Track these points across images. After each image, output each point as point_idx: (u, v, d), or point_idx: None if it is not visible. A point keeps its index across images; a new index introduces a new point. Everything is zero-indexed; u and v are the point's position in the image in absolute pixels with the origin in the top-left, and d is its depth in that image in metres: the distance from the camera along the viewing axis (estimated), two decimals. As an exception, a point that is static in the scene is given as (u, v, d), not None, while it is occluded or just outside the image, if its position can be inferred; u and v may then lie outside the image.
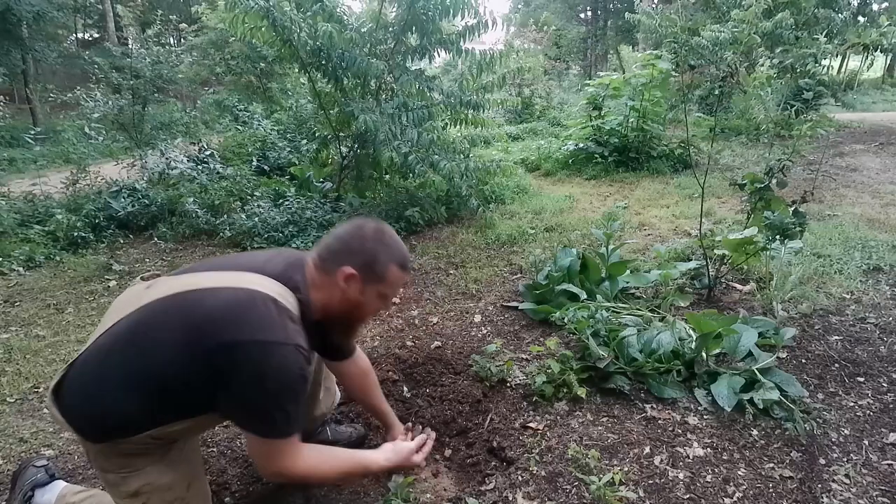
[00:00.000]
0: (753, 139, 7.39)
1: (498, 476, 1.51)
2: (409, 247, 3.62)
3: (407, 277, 1.18)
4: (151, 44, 6.15)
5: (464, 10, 3.90)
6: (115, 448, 1.06)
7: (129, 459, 1.08)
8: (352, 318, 1.23)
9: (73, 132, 6.25)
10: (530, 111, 10.84)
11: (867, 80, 19.04)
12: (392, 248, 1.18)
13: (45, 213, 4.15)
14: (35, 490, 1.32)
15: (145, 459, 1.09)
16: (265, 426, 1.03)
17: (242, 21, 3.77)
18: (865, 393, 1.85)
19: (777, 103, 7.20)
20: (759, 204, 2.48)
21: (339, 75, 3.93)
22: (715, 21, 8.54)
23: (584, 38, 27.48)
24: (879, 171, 5.54)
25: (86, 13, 19.65)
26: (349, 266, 1.13)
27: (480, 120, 4.58)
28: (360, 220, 1.20)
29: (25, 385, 2.09)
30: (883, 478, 1.47)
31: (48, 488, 1.33)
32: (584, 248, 3.14)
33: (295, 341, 1.02)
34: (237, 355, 0.99)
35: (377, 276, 1.15)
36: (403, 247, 1.20)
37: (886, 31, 11.27)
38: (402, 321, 2.53)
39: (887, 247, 3.13)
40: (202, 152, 5.80)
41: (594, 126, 6.38)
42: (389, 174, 4.66)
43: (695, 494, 1.42)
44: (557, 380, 1.84)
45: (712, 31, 6.85)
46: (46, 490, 1.32)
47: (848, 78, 16.79)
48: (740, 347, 1.89)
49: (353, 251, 1.15)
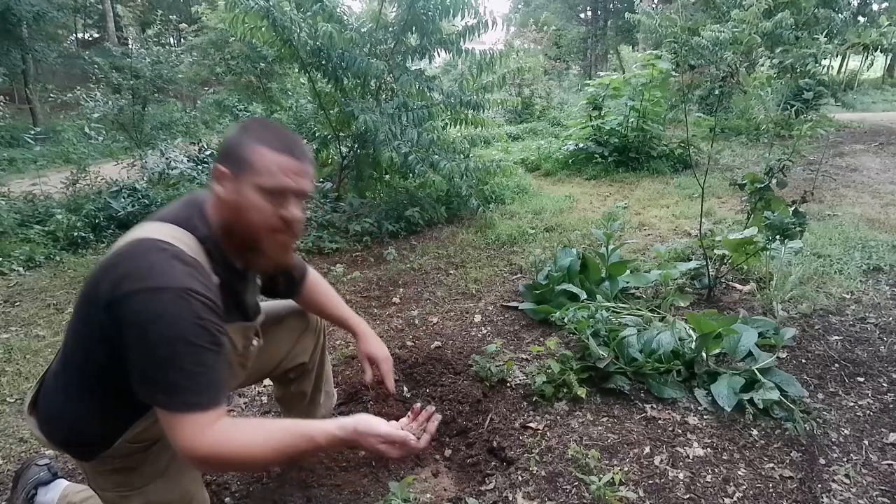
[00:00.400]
0: (753, 139, 7.39)
1: (498, 476, 1.51)
2: (408, 247, 3.67)
3: (289, 161, 0.94)
4: (151, 44, 6.16)
5: (464, 10, 3.91)
6: (106, 464, 1.01)
7: (124, 476, 1.02)
8: (243, 231, 0.96)
9: (73, 132, 6.25)
10: (530, 111, 10.84)
11: (867, 80, 19.04)
12: (259, 131, 0.97)
13: (45, 213, 4.15)
14: (38, 488, 1.32)
15: (142, 476, 1.03)
16: (165, 394, 0.83)
17: (242, 21, 3.77)
18: (865, 393, 1.85)
19: (777, 103, 7.21)
20: (759, 204, 2.48)
21: (339, 75, 3.94)
22: (715, 21, 8.55)
23: (584, 38, 27.49)
24: (879, 171, 5.54)
25: (86, 13, 19.66)
26: (218, 164, 0.96)
27: (480, 120, 4.59)
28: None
29: (25, 385, 2.09)
30: (883, 478, 1.47)
31: (51, 487, 1.32)
32: (584, 248, 3.14)
33: (182, 284, 0.84)
34: (118, 314, 0.84)
35: (243, 164, 0.93)
36: (281, 130, 0.99)
37: (886, 31, 11.28)
38: (402, 321, 2.53)
39: (887, 247, 3.13)
40: (202, 152, 5.80)
41: (594, 126, 6.38)
42: (389, 174, 4.66)
43: (695, 494, 1.42)
44: (557, 380, 1.84)
45: (712, 31, 6.86)
46: (49, 489, 1.32)
47: (848, 78, 16.79)
48: (740, 347, 1.89)
49: (222, 148, 0.98)
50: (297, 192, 0.96)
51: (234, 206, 0.95)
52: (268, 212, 0.94)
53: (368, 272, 3.20)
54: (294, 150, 0.96)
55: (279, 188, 0.93)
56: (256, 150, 0.93)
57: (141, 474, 1.02)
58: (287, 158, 0.94)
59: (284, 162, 0.94)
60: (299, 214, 0.97)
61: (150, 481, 1.03)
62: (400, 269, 3.20)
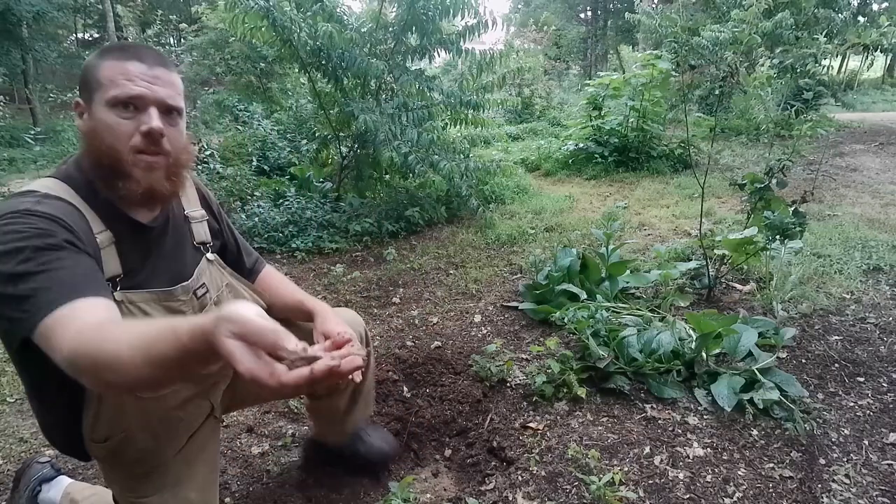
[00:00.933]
0: (753, 139, 7.39)
1: (498, 476, 1.51)
2: (408, 247, 3.67)
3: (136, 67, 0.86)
4: (151, 44, 6.15)
5: (464, 10, 3.91)
6: (113, 468, 0.99)
7: (133, 482, 0.99)
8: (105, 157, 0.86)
9: (73, 132, 6.26)
10: (530, 111, 10.85)
11: (867, 80, 19.04)
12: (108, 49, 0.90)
13: (45, 213, 4.15)
14: (42, 485, 1.32)
15: (150, 485, 0.99)
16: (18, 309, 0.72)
17: (242, 21, 3.77)
18: (865, 393, 1.85)
19: (777, 103, 7.21)
20: (759, 204, 2.48)
21: (339, 75, 3.94)
22: (715, 21, 8.55)
23: (584, 38, 27.48)
24: (879, 171, 5.54)
25: (86, 13, 19.66)
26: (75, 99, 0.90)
27: (480, 120, 4.59)
28: None
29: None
30: (883, 478, 1.47)
31: (53, 483, 1.33)
32: (584, 248, 3.14)
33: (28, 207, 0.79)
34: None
35: (92, 84, 0.86)
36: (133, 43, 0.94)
37: (886, 31, 11.29)
38: (402, 321, 2.53)
39: (887, 247, 3.13)
40: (202, 152, 5.79)
41: (594, 126, 6.38)
42: (389, 174, 4.66)
43: (695, 494, 1.42)
44: (557, 380, 1.84)
45: (712, 31, 6.86)
46: (52, 485, 1.32)
47: (848, 78, 16.79)
48: (740, 347, 1.89)
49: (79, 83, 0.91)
50: (153, 100, 0.86)
51: (91, 133, 0.87)
52: (124, 127, 0.85)
53: (368, 272, 3.20)
54: (142, 56, 0.87)
55: (128, 97, 0.84)
56: (102, 66, 0.86)
57: (149, 484, 1.00)
58: (134, 64, 0.86)
59: (132, 68, 0.85)
60: (159, 125, 0.86)
61: (156, 492, 1.00)
62: (400, 269, 3.20)
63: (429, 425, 1.72)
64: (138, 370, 0.63)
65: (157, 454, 0.99)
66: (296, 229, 3.81)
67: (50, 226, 0.78)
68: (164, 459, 1.00)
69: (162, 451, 0.99)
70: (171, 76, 0.90)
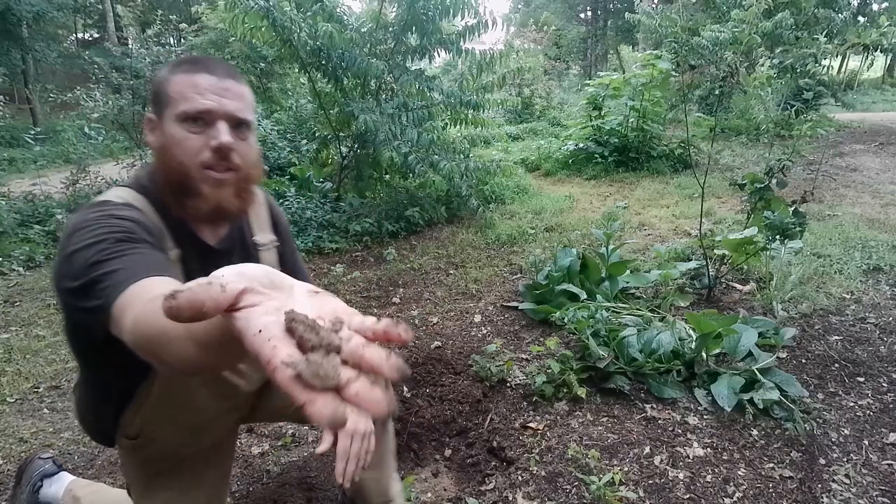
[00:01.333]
0: (753, 139, 7.39)
1: (498, 476, 1.51)
2: (408, 247, 3.67)
3: (205, 80, 0.84)
4: (151, 44, 6.15)
5: (464, 10, 3.91)
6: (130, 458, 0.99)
7: (147, 478, 0.99)
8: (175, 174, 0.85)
9: (72, 132, 6.24)
10: (530, 111, 10.85)
11: (867, 80, 19.04)
12: (177, 63, 0.88)
13: (45, 213, 4.15)
14: (43, 480, 1.32)
15: (160, 485, 0.98)
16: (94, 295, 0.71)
17: (242, 21, 3.77)
18: (865, 393, 1.85)
19: (777, 103, 7.21)
20: (759, 204, 2.48)
21: (339, 75, 3.94)
22: (715, 21, 8.56)
23: (584, 38, 27.48)
24: (879, 171, 5.54)
25: (86, 13, 19.66)
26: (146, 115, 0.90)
27: (480, 120, 4.59)
28: None
29: (25, 385, 2.09)
30: (883, 478, 1.46)
31: (55, 479, 1.33)
32: (584, 248, 3.14)
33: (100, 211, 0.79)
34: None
35: (162, 99, 0.85)
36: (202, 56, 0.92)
37: (886, 31, 11.28)
38: (402, 321, 2.52)
39: (887, 247, 3.13)
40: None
41: (594, 126, 6.38)
42: (389, 174, 4.66)
43: (695, 494, 1.42)
44: (557, 380, 1.84)
45: (712, 31, 6.87)
46: (54, 481, 1.33)
47: (848, 78, 16.79)
48: (740, 347, 1.89)
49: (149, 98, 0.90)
50: (222, 113, 0.84)
51: (161, 150, 0.85)
52: (193, 142, 0.83)
53: (368, 272, 3.20)
54: (212, 69, 0.85)
55: (197, 111, 0.82)
56: (172, 80, 0.84)
57: (162, 481, 1.00)
58: (204, 77, 0.84)
59: (201, 81, 0.83)
60: (228, 139, 0.83)
61: (166, 490, 1.00)
62: (400, 269, 3.20)
63: (429, 425, 1.72)
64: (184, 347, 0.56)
65: (177, 457, 0.99)
66: (296, 229, 3.81)
67: (131, 227, 0.78)
68: (181, 462, 1.00)
69: (182, 455, 1.00)
70: (241, 88, 0.88)
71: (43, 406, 1.97)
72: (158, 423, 0.94)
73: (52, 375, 2.16)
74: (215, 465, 1.07)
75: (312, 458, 1.62)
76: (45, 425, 1.84)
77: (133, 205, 0.84)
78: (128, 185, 0.90)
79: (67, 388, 2.09)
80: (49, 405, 1.97)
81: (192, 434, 0.99)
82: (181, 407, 0.92)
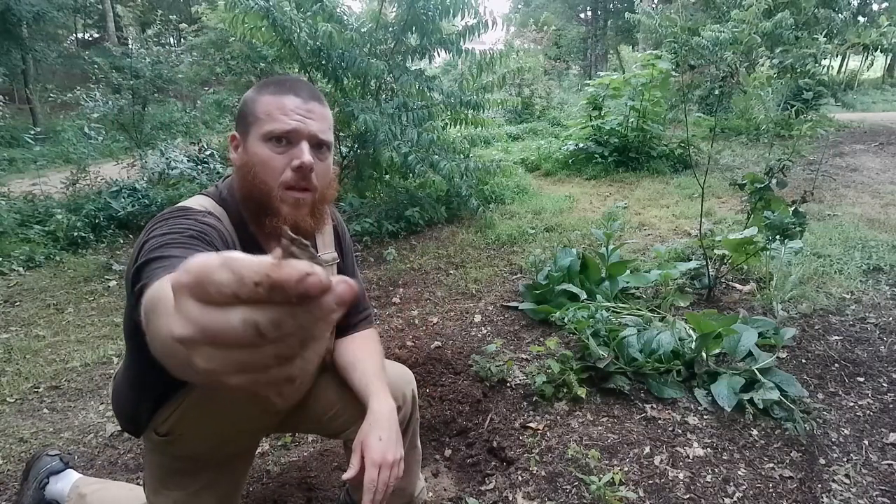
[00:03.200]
0: (753, 139, 7.39)
1: (498, 476, 1.51)
2: (408, 247, 3.67)
3: (292, 101, 0.87)
4: (151, 44, 6.16)
5: (464, 10, 3.91)
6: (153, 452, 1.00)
7: (165, 474, 0.99)
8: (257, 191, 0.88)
9: (72, 132, 6.25)
10: (530, 111, 10.85)
11: (867, 80, 19.05)
12: (263, 83, 0.91)
13: (45, 213, 4.15)
14: (50, 477, 1.33)
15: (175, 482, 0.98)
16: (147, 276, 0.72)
17: (242, 21, 3.77)
18: (865, 393, 1.85)
19: (777, 103, 7.21)
20: (759, 204, 2.48)
21: (339, 75, 3.93)
22: (715, 21, 8.56)
23: (584, 38, 27.49)
24: (879, 171, 5.54)
25: (86, 13, 19.67)
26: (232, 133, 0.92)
27: (480, 120, 4.59)
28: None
29: (25, 385, 2.09)
30: (883, 478, 1.46)
31: (62, 476, 1.33)
32: (584, 248, 3.14)
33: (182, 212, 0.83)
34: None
35: (248, 118, 0.88)
36: (288, 76, 0.93)
37: (886, 31, 11.29)
38: (402, 321, 2.53)
39: (887, 247, 3.13)
40: (202, 152, 5.80)
41: (594, 126, 6.38)
42: (389, 174, 4.66)
43: (695, 494, 1.42)
44: (557, 380, 1.84)
45: (712, 31, 6.87)
46: (60, 478, 1.33)
47: (848, 78, 16.80)
48: (740, 347, 1.89)
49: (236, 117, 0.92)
50: (306, 134, 0.87)
51: (244, 167, 0.88)
52: (277, 162, 0.86)
53: (368, 272, 3.20)
54: (298, 90, 0.88)
55: (283, 131, 0.86)
56: (258, 101, 0.88)
57: (178, 480, 1.00)
58: (290, 98, 0.87)
59: (288, 102, 0.86)
60: (309, 159, 0.86)
61: (181, 489, 1.00)
62: (400, 269, 3.20)
63: (429, 425, 1.72)
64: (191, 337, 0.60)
65: (199, 460, 1.00)
66: (296, 229, 3.81)
67: (206, 230, 0.80)
68: (200, 464, 1.00)
69: (205, 458, 1.00)
70: (325, 110, 0.91)
71: (43, 406, 1.97)
72: (190, 427, 0.94)
73: (52, 375, 2.16)
74: (231, 472, 1.07)
75: (312, 458, 1.62)
76: (45, 425, 1.84)
77: (212, 212, 0.88)
78: (208, 195, 0.92)
79: (67, 388, 2.09)
80: (49, 405, 1.97)
81: (220, 441, 0.99)
82: (216, 414, 0.92)
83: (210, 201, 0.91)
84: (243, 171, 0.89)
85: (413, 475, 1.22)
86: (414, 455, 1.19)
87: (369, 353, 1.07)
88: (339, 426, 1.10)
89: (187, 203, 0.90)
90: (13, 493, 1.52)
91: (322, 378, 1.09)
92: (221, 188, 0.95)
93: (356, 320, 1.12)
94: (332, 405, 1.09)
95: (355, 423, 1.03)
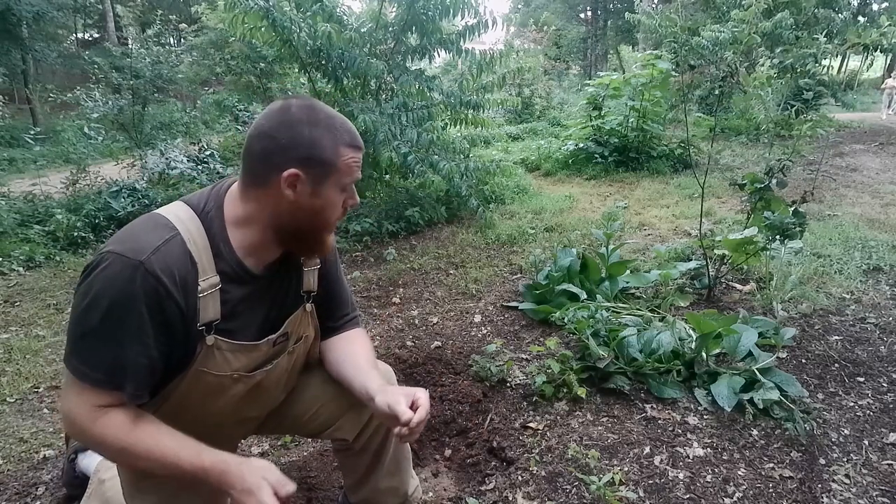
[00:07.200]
0: (753, 139, 7.40)
1: (498, 476, 1.51)
2: (408, 247, 3.67)
3: (357, 154, 0.93)
4: (151, 44, 6.16)
5: (464, 9, 3.91)
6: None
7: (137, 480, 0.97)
8: (309, 228, 0.94)
9: (72, 132, 6.26)
10: (530, 111, 10.86)
11: (867, 80, 19.05)
12: (333, 125, 0.90)
13: (45, 213, 4.15)
14: (77, 454, 1.39)
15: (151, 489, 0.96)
16: (67, 347, 0.82)
17: (242, 21, 3.77)
18: (865, 393, 1.85)
19: (777, 103, 7.21)
20: (759, 204, 2.48)
21: (339, 75, 3.94)
22: (715, 21, 8.55)
23: (584, 38, 27.49)
24: (879, 171, 5.54)
25: (86, 13, 19.68)
26: (290, 167, 0.86)
27: (480, 120, 4.59)
28: (280, 103, 0.91)
29: (25, 385, 2.09)
30: (883, 478, 1.47)
31: (88, 453, 1.38)
32: (584, 248, 3.14)
33: (143, 259, 0.80)
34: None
35: (328, 166, 0.89)
36: (343, 119, 0.93)
37: (886, 31, 11.27)
38: (402, 321, 2.52)
39: (887, 247, 3.13)
40: (202, 152, 5.81)
41: (594, 126, 6.38)
42: (389, 174, 4.66)
43: (695, 494, 1.42)
44: (557, 380, 1.84)
45: (712, 31, 6.85)
46: (87, 454, 1.38)
47: (848, 78, 16.80)
48: (740, 347, 1.89)
49: (288, 146, 0.87)
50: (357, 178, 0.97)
51: (311, 208, 0.91)
52: (339, 205, 0.95)
53: (368, 272, 3.20)
54: (358, 141, 0.94)
55: (352, 182, 0.94)
56: (338, 151, 0.90)
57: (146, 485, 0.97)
58: (358, 152, 0.93)
59: (359, 157, 0.94)
60: (358, 200, 1.00)
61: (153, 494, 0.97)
62: (400, 269, 3.20)
63: (429, 425, 1.71)
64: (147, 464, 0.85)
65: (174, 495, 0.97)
66: (296, 229, 3.81)
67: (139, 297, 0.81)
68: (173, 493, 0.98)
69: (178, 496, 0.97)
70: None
71: (43, 406, 1.97)
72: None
73: (52, 375, 2.16)
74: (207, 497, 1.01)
75: (312, 458, 1.62)
76: (45, 425, 1.84)
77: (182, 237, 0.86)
78: (189, 204, 0.92)
79: (67, 388, 2.09)
80: (49, 405, 1.97)
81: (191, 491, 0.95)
82: (190, 423, 0.90)
83: (188, 213, 0.89)
84: (306, 211, 0.91)
85: (405, 473, 1.24)
86: (404, 453, 1.22)
87: (359, 346, 1.12)
88: (317, 426, 1.13)
89: (163, 212, 0.89)
90: (13, 493, 1.52)
91: (302, 380, 1.12)
92: (206, 201, 0.92)
93: (340, 323, 1.14)
94: (311, 406, 1.12)
95: (334, 423, 1.12)
